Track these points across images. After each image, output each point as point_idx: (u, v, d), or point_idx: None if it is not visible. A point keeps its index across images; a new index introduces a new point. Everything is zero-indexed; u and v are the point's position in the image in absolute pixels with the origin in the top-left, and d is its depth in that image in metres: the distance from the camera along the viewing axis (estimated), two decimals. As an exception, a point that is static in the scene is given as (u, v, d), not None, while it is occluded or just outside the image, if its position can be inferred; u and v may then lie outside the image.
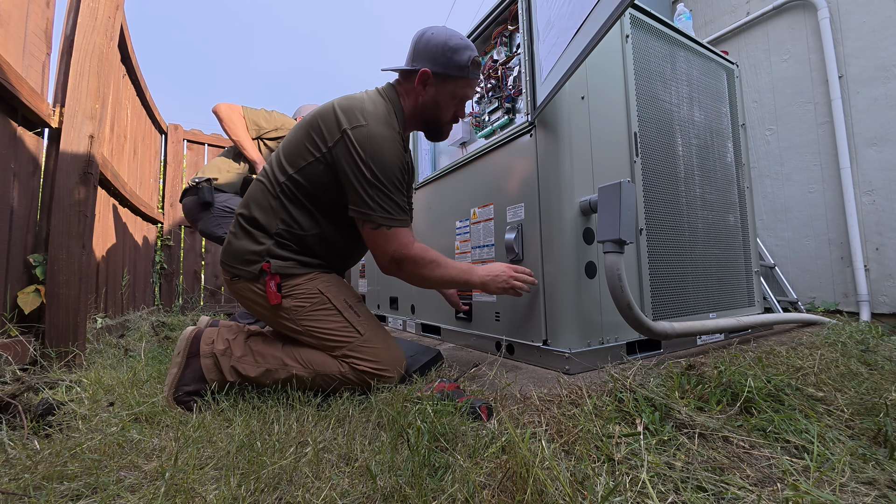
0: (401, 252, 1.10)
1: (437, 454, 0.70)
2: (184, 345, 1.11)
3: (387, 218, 1.08)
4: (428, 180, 1.92)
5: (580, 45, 0.93)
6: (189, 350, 1.11)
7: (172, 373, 1.09)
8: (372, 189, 1.06)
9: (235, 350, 1.11)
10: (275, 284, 1.10)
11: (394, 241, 1.10)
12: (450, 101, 1.19)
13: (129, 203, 2.58)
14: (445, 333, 1.72)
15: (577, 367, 1.09)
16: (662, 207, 1.41)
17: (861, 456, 0.68)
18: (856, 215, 2.17)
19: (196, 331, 1.15)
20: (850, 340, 1.43)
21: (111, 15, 1.57)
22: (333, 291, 1.15)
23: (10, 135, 1.31)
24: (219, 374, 1.10)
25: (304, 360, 1.10)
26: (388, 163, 1.07)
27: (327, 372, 1.09)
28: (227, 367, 1.09)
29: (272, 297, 1.10)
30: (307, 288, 1.13)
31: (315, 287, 1.14)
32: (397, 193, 1.10)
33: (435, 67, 1.13)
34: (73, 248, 1.41)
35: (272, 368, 1.09)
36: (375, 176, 1.06)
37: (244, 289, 1.15)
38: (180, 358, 1.10)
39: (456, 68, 1.14)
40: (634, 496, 0.58)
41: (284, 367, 1.09)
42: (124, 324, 2.30)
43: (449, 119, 1.24)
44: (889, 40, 2.10)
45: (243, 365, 1.10)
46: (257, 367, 1.09)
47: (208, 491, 0.64)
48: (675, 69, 1.57)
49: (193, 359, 1.11)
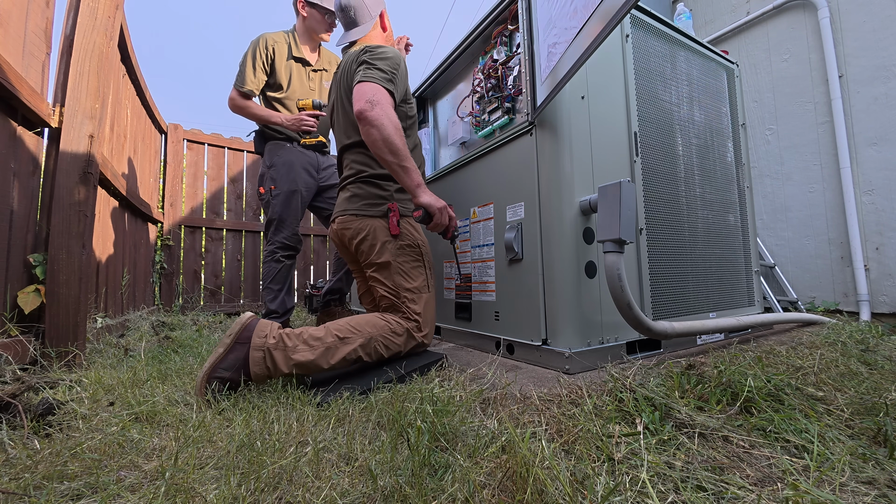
0: (376, 97, 1.27)
1: (437, 454, 0.70)
2: (237, 328, 1.12)
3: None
4: (428, 180, 1.92)
5: (582, 45, 0.93)
6: (240, 336, 1.11)
7: (218, 352, 1.09)
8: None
9: (288, 341, 1.13)
10: (395, 220, 1.35)
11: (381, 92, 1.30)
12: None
13: (129, 203, 2.58)
14: (445, 333, 1.72)
15: (577, 366, 1.09)
16: (662, 207, 1.41)
17: (861, 455, 0.68)
18: (856, 215, 2.17)
19: (252, 318, 1.16)
20: (850, 340, 1.43)
21: (111, 14, 1.57)
22: (426, 250, 1.41)
23: (10, 134, 1.31)
24: (265, 369, 1.10)
25: (355, 327, 1.21)
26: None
27: (378, 332, 1.22)
28: (282, 359, 1.11)
29: (393, 229, 1.34)
30: (412, 236, 1.38)
31: (416, 240, 1.38)
32: None
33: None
34: (73, 247, 1.41)
35: (329, 346, 1.15)
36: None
37: (364, 227, 1.36)
38: (230, 340, 1.10)
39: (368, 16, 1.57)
40: (634, 496, 0.58)
41: (339, 341, 1.17)
42: (124, 323, 2.30)
43: None
44: (889, 40, 2.10)
45: (299, 353, 1.12)
46: (313, 350, 1.14)
47: (208, 490, 0.64)
48: (676, 69, 1.57)
49: (241, 345, 1.11)
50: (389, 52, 1.40)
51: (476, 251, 1.54)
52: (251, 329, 1.13)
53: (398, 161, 1.26)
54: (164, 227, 3.54)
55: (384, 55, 1.38)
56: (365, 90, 1.27)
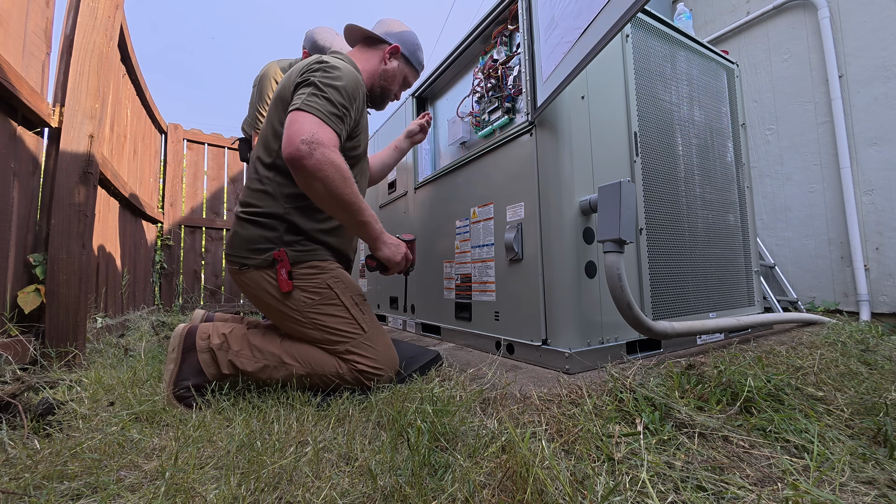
0: (317, 138, 1.01)
1: (437, 454, 0.70)
2: (178, 341, 1.12)
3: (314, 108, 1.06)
4: (428, 180, 1.92)
5: (588, 45, 0.93)
6: (184, 346, 1.11)
7: (169, 369, 1.09)
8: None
9: (233, 344, 1.11)
10: (286, 272, 1.11)
11: (314, 125, 1.03)
12: (400, 78, 1.42)
13: (129, 203, 2.58)
14: (445, 333, 1.72)
15: (577, 366, 1.09)
16: (662, 207, 1.41)
17: (861, 455, 0.68)
18: (856, 215, 2.17)
19: (189, 326, 1.16)
20: (850, 340, 1.43)
21: (111, 14, 1.57)
22: (342, 287, 1.17)
23: (10, 134, 1.31)
24: (216, 369, 1.10)
25: (302, 358, 1.11)
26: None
27: (324, 371, 1.10)
28: (224, 361, 1.10)
29: (284, 285, 1.10)
30: (317, 281, 1.14)
31: (324, 281, 1.15)
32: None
33: (404, 50, 1.39)
34: (73, 247, 1.41)
35: (270, 364, 1.10)
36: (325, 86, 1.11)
37: (254, 278, 1.14)
38: (176, 354, 1.10)
39: (416, 62, 1.44)
40: (634, 496, 0.58)
41: (283, 365, 1.10)
42: (124, 323, 2.30)
43: (395, 92, 1.44)
44: (889, 40, 2.10)
45: (241, 359, 1.10)
46: (255, 362, 1.10)
47: (208, 490, 0.64)
48: (676, 69, 1.57)
49: (189, 354, 1.11)
50: (346, 75, 1.12)
51: (476, 251, 1.54)
52: (193, 335, 1.13)
53: (352, 217, 1.09)
54: (164, 226, 3.54)
55: (338, 78, 1.10)
56: (302, 126, 1.01)
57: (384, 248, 1.18)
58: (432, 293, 1.84)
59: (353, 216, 1.10)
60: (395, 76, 1.38)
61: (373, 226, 1.14)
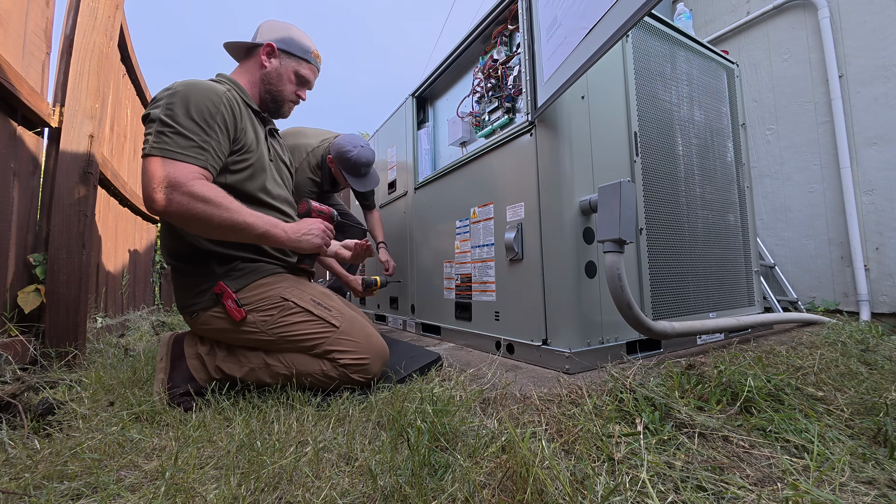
0: (170, 180, 0.92)
1: (437, 454, 0.70)
2: (165, 350, 1.13)
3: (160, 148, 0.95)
4: (428, 180, 1.92)
5: (594, 45, 0.92)
6: (172, 353, 1.13)
7: (159, 378, 1.10)
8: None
9: (220, 350, 1.14)
10: (232, 302, 1.06)
11: (168, 167, 0.93)
12: (288, 75, 1.28)
13: (129, 203, 2.58)
14: (445, 333, 1.72)
15: (577, 366, 1.09)
16: (662, 207, 1.41)
17: (861, 455, 0.68)
18: (856, 215, 2.17)
19: (175, 335, 1.18)
20: (850, 340, 1.43)
21: (111, 14, 1.57)
22: (297, 294, 1.13)
23: (10, 134, 1.31)
24: (206, 374, 1.12)
25: (286, 361, 1.11)
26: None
27: (309, 371, 1.10)
28: (212, 367, 1.11)
29: (235, 314, 1.06)
30: (269, 297, 1.10)
31: (277, 294, 1.11)
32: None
33: (279, 45, 1.25)
34: (73, 247, 1.41)
35: (255, 367, 1.11)
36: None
37: (207, 320, 1.09)
38: (164, 363, 1.11)
39: (300, 50, 1.28)
40: (634, 496, 0.58)
41: (267, 367, 1.11)
42: (124, 323, 2.30)
43: (292, 93, 1.30)
44: (889, 40, 2.10)
45: (228, 364, 1.12)
46: (241, 367, 1.12)
47: (208, 490, 0.64)
48: (676, 69, 1.57)
49: (179, 361, 1.12)
50: (195, 96, 1.00)
51: (476, 251, 1.54)
52: (181, 342, 1.14)
53: (248, 236, 1.03)
54: (164, 226, 3.54)
55: (185, 103, 0.98)
56: (153, 172, 0.92)
57: (301, 243, 1.11)
58: (432, 293, 1.84)
59: (247, 234, 1.02)
60: (280, 76, 1.26)
61: (273, 232, 1.05)
